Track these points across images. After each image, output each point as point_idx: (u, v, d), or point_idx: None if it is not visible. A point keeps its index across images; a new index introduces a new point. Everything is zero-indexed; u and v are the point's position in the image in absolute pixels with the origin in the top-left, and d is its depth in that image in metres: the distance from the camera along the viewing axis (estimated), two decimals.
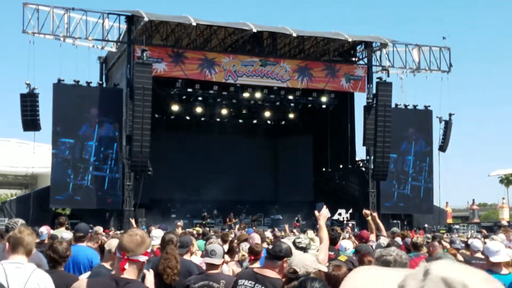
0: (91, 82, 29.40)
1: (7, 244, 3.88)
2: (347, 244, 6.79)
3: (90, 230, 10.50)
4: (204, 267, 5.24)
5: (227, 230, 21.78)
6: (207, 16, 35.77)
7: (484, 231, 20.49)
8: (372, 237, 8.76)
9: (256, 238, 7.40)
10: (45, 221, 21.19)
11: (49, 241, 7.90)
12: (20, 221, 5.81)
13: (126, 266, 3.18)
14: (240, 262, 6.87)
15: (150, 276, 3.58)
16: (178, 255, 5.47)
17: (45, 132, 29.19)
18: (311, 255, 5.03)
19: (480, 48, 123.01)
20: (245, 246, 6.94)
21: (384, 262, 3.60)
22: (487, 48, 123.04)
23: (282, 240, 5.23)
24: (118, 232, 15.81)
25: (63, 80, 28.69)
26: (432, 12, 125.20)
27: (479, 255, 7.78)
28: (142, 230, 3.49)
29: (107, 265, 5.63)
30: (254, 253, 6.11)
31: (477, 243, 8.15)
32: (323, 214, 5.69)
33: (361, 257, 5.47)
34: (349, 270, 4.52)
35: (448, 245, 8.50)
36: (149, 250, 3.27)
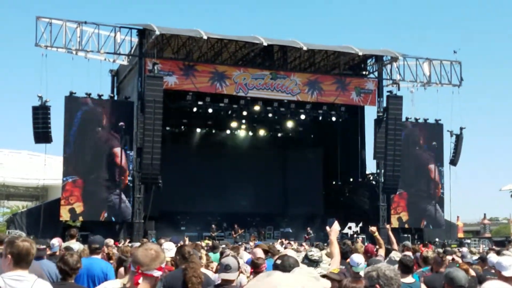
0: (102, 95, 29.58)
1: (9, 257, 3.85)
2: (359, 259, 6.73)
3: None
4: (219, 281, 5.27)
5: (240, 243, 21.74)
6: (218, 30, 35.94)
7: (494, 247, 20.30)
8: (381, 251, 8.67)
9: (258, 253, 7.45)
10: (55, 233, 21.27)
11: (61, 252, 7.93)
12: (23, 234, 5.84)
13: (140, 280, 3.19)
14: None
15: None
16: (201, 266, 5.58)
17: (56, 145, 29.36)
18: (313, 269, 5.01)
19: (491, 62, 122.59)
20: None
21: (370, 279, 3.56)
22: (499, 62, 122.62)
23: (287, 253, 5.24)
24: (129, 244, 15.75)
25: (75, 93, 28.89)
26: (443, 26, 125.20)
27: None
28: (157, 245, 3.52)
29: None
30: (255, 266, 6.18)
31: (493, 258, 8.08)
32: (334, 229, 5.69)
33: None
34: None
35: (460, 260, 8.42)
36: (163, 266, 3.29)
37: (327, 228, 5.76)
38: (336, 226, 5.70)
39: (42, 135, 28.13)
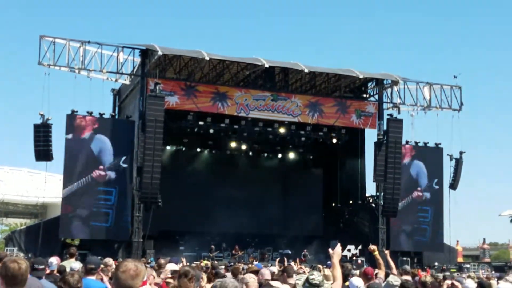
0: (104, 114, 29.68)
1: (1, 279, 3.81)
2: (359, 282, 6.71)
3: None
4: None
5: (240, 264, 21.55)
6: (220, 51, 36.19)
7: (493, 272, 20.18)
8: (381, 273, 8.57)
9: (266, 274, 7.31)
10: (54, 251, 21.23)
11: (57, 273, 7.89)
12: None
13: None
14: None
15: None
16: None
17: (56, 162, 29.38)
18: None
19: (491, 87, 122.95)
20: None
21: None
22: (499, 87, 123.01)
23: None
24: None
25: (77, 111, 28.98)
26: (444, 51, 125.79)
27: None
28: (134, 261, 3.40)
29: None
30: None
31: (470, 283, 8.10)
32: (337, 252, 5.68)
33: None
34: None
35: (459, 286, 8.39)
36: (145, 279, 3.28)
37: (330, 250, 5.76)
38: (338, 248, 5.71)
39: (43, 153, 28.16)
